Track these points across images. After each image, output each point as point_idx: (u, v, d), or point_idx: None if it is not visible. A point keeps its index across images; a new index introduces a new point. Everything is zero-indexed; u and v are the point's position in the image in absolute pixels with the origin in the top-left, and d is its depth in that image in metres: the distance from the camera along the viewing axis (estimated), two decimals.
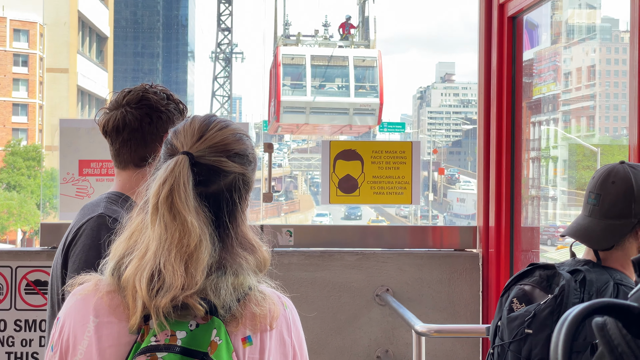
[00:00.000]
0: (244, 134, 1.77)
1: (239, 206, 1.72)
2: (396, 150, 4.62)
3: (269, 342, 1.67)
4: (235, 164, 1.70)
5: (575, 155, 29.63)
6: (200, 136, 1.70)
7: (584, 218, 2.35)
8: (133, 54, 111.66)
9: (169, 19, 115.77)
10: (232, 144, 1.72)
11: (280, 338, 1.70)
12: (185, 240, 1.60)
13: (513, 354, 2.26)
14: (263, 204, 30.34)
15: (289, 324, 1.73)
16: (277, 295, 1.76)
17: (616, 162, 2.36)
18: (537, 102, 8.08)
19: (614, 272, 2.27)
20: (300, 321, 1.79)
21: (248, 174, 1.74)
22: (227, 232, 1.68)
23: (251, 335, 1.65)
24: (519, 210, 4.51)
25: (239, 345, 1.64)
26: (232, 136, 1.73)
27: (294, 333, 1.74)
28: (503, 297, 2.38)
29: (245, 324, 1.65)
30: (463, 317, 4.52)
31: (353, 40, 38.45)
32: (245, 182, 1.73)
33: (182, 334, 1.59)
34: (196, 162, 1.67)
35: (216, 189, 1.68)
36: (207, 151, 1.68)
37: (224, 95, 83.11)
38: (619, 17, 51.12)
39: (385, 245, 4.61)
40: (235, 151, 1.71)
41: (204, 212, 1.64)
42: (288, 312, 1.74)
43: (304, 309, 4.48)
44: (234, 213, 1.70)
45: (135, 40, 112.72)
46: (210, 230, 1.64)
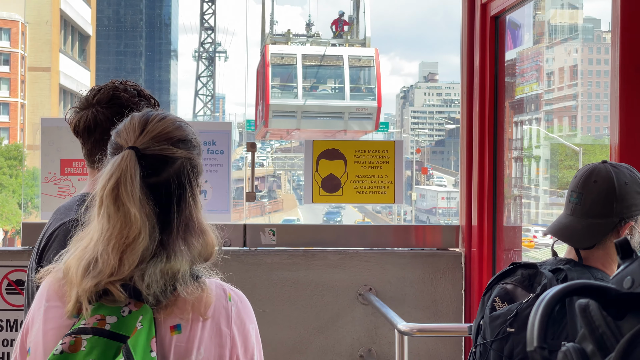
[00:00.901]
0: (183, 121, 1.85)
1: (189, 190, 1.77)
2: (379, 150, 4.62)
3: (201, 331, 1.69)
4: (180, 149, 1.77)
5: (557, 155, 29.76)
6: (142, 130, 1.77)
7: (565, 217, 2.36)
8: (115, 53, 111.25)
9: (152, 17, 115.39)
10: (173, 131, 1.79)
11: (215, 329, 1.71)
12: (125, 232, 1.67)
13: (495, 352, 2.27)
14: (246, 203, 30.00)
15: (230, 315, 1.73)
16: (221, 286, 1.77)
17: (598, 162, 2.37)
18: (519, 101, 8.10)
19: (595, 271, 2.28)
20: (253, 316, 1.79)
21: (194, 158, 1.81)
22: (174, 217, 1.74)
23: (182, 324, 1.68)
24: (502, 210, 4.53)
25: (166, 332, 1.68)
26: (172, 125, 1.80)
27: (237, 326, 1.73)
28: (485, 296, 2.39)
29: (175, 312, 1.68)
30: (446, 316, 4.53)
31: (347, 38, 35.77)
32: (193, 166, 1.80)
33: (112, 319, 1.65)
34: (143, 154, 1.73)
35: (166, 176, 1.75)
36: (150, 142, 1.75)
37: (207, 95, 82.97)
38: (601, 17, 51.39)
39: (368, 245, 4.62)
40: (178, 138, 1.78)
41: (149, 204, 1.70)
42: (231, 304, 1.74)
43: (287, 308, 4.49)
44: (184, 197, 1.76)
45: (118, 39, 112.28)
46: (153, 221, 1.70)
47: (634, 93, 3.05)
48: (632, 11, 3.07)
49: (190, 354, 1.67)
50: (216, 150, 4.44)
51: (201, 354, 1.68)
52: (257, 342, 1.78)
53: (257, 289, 4.46)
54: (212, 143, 4.44)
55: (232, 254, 4.46)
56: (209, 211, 4.43)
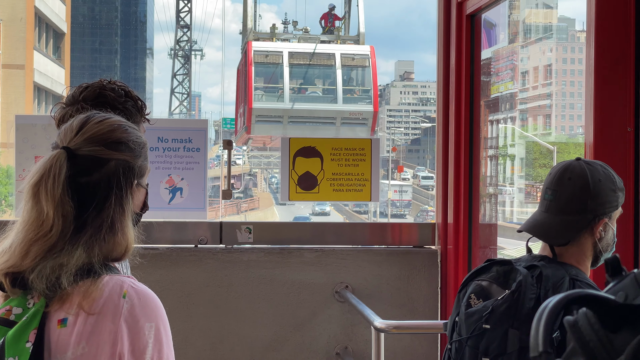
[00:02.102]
0: (126, 124, 1.89)
1: (117, 192, 1.82)
2: (356, 148, 4.63)
3: (83, 326, 1.72)
4: (114, 151, 1.82)
5: (532, 154, 29.93)
6: (78, 131, 1.83)
7: (540, 214, 2.38)
8: (90, 51, 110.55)
9: (127, 15, 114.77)
10: (108, 133, 1.84)
11: (101, 325, 1.72)
12: (37, 227, 1.75)
13: (471, 349, 2.28)
14: (222, 201, 29.31)
15: (120, 312, 1.73)
16: (120, 283, 1.77)
17: (572, 159, 2.38)
18: (494, 100, 8.15)
19: (569, 267, 2.30)
20: (155, 315, 1.78)
21: (131, 161, 1.85)
22: (91, 217, 1.78)
23: (68, 318, 1.73)
24: (477, 208, 4.55)
25: (53, 325, 1.73)
26: (110, 127, 1.85)
27: (127, 323, 1.73)
28: (460, 293, 2.40)
29: (65, 307, 1.73)
30: (422, 313, 4.55)
31: (339, 34, 32.21)
32: (129, 168, 1.84)
33: (18, 310, 1.74)
34: (75, 154, 1.79)
35: (98, 177, 1.80)
36: (84, 143, 1.81)
37: (183, 93, 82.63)
38: (575, 17, 51.70)
39: (344, 242, 4.62)
40: (113, 140, 1.83)
41: (69, 203, 1.76)
42: (125, 300, 1.75)
43: (263, 305, 4.48)
44: (109, 199, 1.80)
45: (93, 37, 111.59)
46: (69, 221, 1.75)
47: (608, 91, 3.08)
48: (607, 9, 3.09)
49: (69, 348, 1.71)
50: (192, 147, 4.43)
51: (83, 349, 1.71)
52: (156, 342, 1.75)
53: (233, 286, 4.46)
54: (188, 141, 4.43)
55: (209, 251, 4.46)
56: (186, 209, 4.42)
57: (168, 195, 4.41)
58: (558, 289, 2.22)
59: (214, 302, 4.45)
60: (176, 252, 4.44)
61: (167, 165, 4.41)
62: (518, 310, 2.20)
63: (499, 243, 5.27)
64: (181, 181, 4.43)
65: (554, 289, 2.22)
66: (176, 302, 4.38)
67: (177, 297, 4.40)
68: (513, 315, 2.20)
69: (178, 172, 4.42)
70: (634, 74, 3.05)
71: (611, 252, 2.41)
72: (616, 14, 3.08)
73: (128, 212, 1.84)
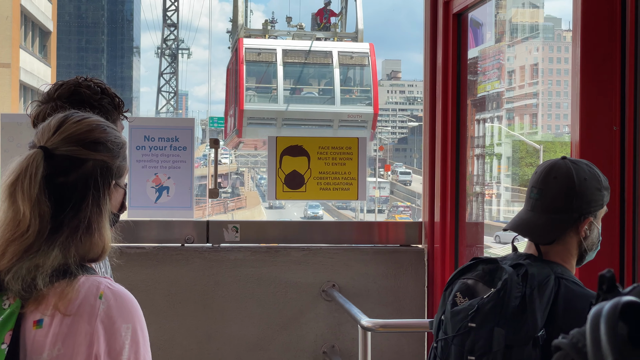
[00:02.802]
0: (105, 124, 1.89)
1: (94, 193, 1.81)
2: (342, 147, 4.63)
3: (59, 327, 1.71)
4: (91, 151, 1.82)
5: (518, 153, 30.01)
6: (56, 130, 1.83)
7: (526, 212, 2.38)
8: (77, 49, 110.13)
9: (114, 13, 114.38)
10: (86, 133, 1.83)
11: (77, 326, 1.72)
12: (14, 227, 1.74)
13: (457, 347, 2.28)
14: (209, 200, 29.00)
15: (96, 313, 1.73)
16: (97, 284, 1.76)
17: (558, 158, 2.39)
18: (481, 99, 8.16)
19: (555, 265, 2.31)
20: (132, 316, 1.77)
21: (109, 161, 1.84)
22: (68, 217, 1.77)
23: (43, 319, 1.72)
24: (464, 206, 4.56)
25: (29, 327, 1.72)
26: (88, 127, 1.84)
27: (103, 324, 1.73)
28: (446, 291, 2.40)
29: (40, 308, 1.72)
30: (409, 312, 4.55)
31: (336, 31, 30.02)
32: (107, 169, 1.84)
33: None
34: (52, 154, 1.78)
35: (75, 177, 1.80)
36: (60, 143, 1.80)
37: (170, 92, 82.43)
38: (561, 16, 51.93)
39: (331, 241, 4.62)
40: (91, 140, 1.83)
41: (46, 203, 1.75)
42: (101, 301, 1.74)
43: (250, 304, 4.48)
44: (86, 199, 1.79)
45: (79, 35, 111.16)
46: (46, 220, 1.74)
47: (594, 90, 3.09)
48: (593, 9, 3.10)
49: (45, 349, 1.70)
50: (179, 146, 4.42)
51: (59, 350, 1.70)
52: (132, 343, 1.75)
53: (220, 285, 4.45)
54: (174, 139, 4.42)
55: (195, 250, 4.45)
56: (172, 208, 4.41)
57: (154, 194, 4.40)
58: (543, 287, 2.23)
59: (200, 301, 4.44)
60: (163, 251, 4.43)
61: (153, 164, 4.40)
62: (504, 308, 2.21)
63: (486, 242, 5.28)
64: (168, 180, 4.42)
65: (540, 287, 2.23)
66: (162, 302, 4.37)
67: (164, 296, 4.39)
68: (499, 314, 2.21)
69: (164, 171, 4.41)
70: (620, 73, 3.07)
71: (596, 251, 2.42)
72: (602, 14, 3.09)
73: (105, 213, 1.83)
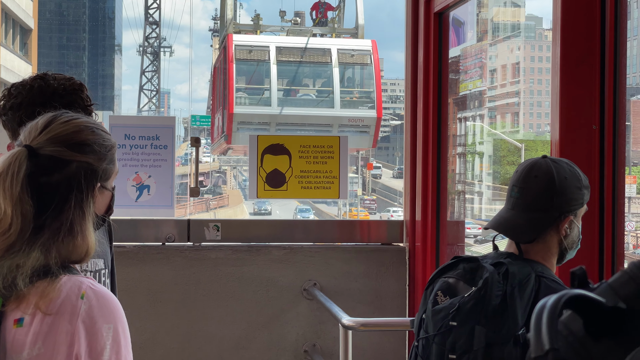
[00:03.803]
0: (94, 126, 1.87)
1: (77, 195, 1.80)
2: (324, 145, 4.62)
3: (40, 326, 1.71)
4: (76, 153, 1.81)
5: (500, 151, 30.13)
6: (43, 129, 1.81)
7: (507, 211, 2.39)
8: (58, 47, 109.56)
9: (95, 11, 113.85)
10: (73, 134, 1.82)
11: (57, 325, 1.71)
12: None
13: (437, 346, 2.28)
14: (191, 198, 28.44)
15: (77, 312, 1.72)
16: (78, 284, 1.76)
17: (539, 157, 2.40)
18: (463, 98, 8.20)
19: (535, 264, 2.32)
20: (113, 317, 1.76)
21: (94, 163, 1.83)
22: (50, 218, 1.77)
23: (24, 318, 1.72)
24: (445, 205, 4.57)
25: (9, 325, 1.72)
26: (75, 127, 1.83)
27: (84, 324, 1.72)
28: (428, 290, 2.40)
29: (21, 306, 1.72)
30: (390, 310, 4.56)
31: (334, 26, 27.31)
32: (92, 171, 1.83)
33: None
34: (36, 153, 1.77)
35: (58, 178, 1.78)
36: (46, 143, 1.79)
37: (152, 90, 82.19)
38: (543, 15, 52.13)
39: (313, 240, 4.62)
40: (77, 141, 1.82)
41: (28, 202, 1.74)
42: (83, 301, 1.74)
43: (231, 303, 4.47)
44: (69, 201, 1.78)
45: (60, 33, 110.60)
46: (28, 220, 1.74)
47: (574, 89, 3.10)
48: (573, 9, 3.12)
49: (25, 348, 1.70)
50: (160, 145, 4.41)
51: (39, 350, 1.70)
52: (114, 343, 1.74)
53: (201, 284, 4.44)
54: (155, 138, 4.40)
55: (176, 249, 4.43)
56: (153, 206, 4.39)
57: (135, 192, 4.39)
58: (524, 286, 2.24)
59: (181, 300, 4.43)
60: (143, 250, 4.41)
61: (134, 162, 4.38)
62: (484, 307, 2.21)
63: (466, 240, 5.29)
64: (148, 179, 4.40)
65: (520, 286, 2.23)
66: (143, 301, 4.35)
67: (144, 296, 4.37)
68: (479, 312, 2.21)
69: (145, 170, 4.39)
70: (599, 72, 3.08)
71: (576, 250, 2.43)
72: (582, 13, 3.11)
73: (88, 216, 1.81)
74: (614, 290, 0.92)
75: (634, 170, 32.96)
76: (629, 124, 36.88)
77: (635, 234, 28.29)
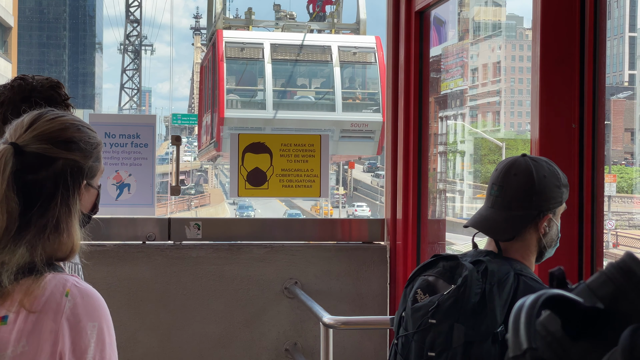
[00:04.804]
0: (80, 123, 1.88)
1: (63, 193, 1.80)
2: (305, 144, 4.62)
3: (24, 324, 1.71)
4: (62, 150, 1.81)
5: (481, 150, 30.23)
6: (28, 127, 1.82)
7: (486, 209, 2.40)
8: (38, 45, 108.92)
9: (76, 9, 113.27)
10: (59, 132, 1.82)
11: (42, 323, 1.72)
12: None
13: (417, 344, 2.29)
14: (173, 197, 28.05)
15: (62, 310, 1.73)
16: (63, 281, 1.76)
17: (518, 155, 2.41)
18: (445, 97, 8.23)
19: (514, 262, 2.33)
20: (98, 315, 1.76)
21: (80, 161, 1.84)
22: (36, 215, 1.77)
23: (9, 315, 1.72)
24: (426, 203, 4.58)
25: None
26: (61, 125, 1.84)
27: (68, 322, 1.72)
28: (407, 288, 2.41)
29: (6, 304, 1.72)
30: (371, 309, 4.56)
31: (333, 21, 25.07)
32: (78, 169, 1.83)
33: None
34: (22, 151, 1.77)
35: (45, 175, 1.79)
36: (32, 140, 1.80)
37: (133, 88, 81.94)
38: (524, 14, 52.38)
39: (294, 238, 4.62)
40: (63, 139, 1.82)
41: (15, 200, 1.74)
42: (67, 299, 1.74)
43: (212, 302, 4.46)
44: (55, 199, 1.79)
45: (41, 31, 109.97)
46: (14, 217, 1.74)
47: (554, 88, 3.12)
48: (553, 9, 3.13)
49: (9, 346, 1.70)
50: (140, 143, 4.39)
51: (24, 347, 1.70)
52: (98, 342, 1.74)
53: (182, 283, 4.43)
54: (136, 136, 4.39)
55: (157, 248, 4.42)
56: (133, 205, 4.38)
57: (115, 191, 4.37)
58: (503, 284, 2.25)
59: (162, 299, 4.42)
60: (124, 248, 4.40)
61: (114, 161, 4.37)
62: (463, 305, 2.22)
63: (448, 238, 5.31)
64: (129, 177, 4.38)
65: (499, 284, 2.24)
66: (124, 299, 4.34)
67: (125, 294, 4.36)
68: (459, 310, 2.22)
69: (126, 168, 4.38)
70: (579, 71, 3.10)
71: (555, 248, 2.44)
72: (561, 13, 3.12)
73: (75, 213, 1.82)
74: (592, 290, 0.92)
75: (614, 169, 33.17)
76: (609, 122, 37.05)
77: (615, 232, 28.50)
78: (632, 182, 33.78)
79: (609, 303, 0.91)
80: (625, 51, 54.51)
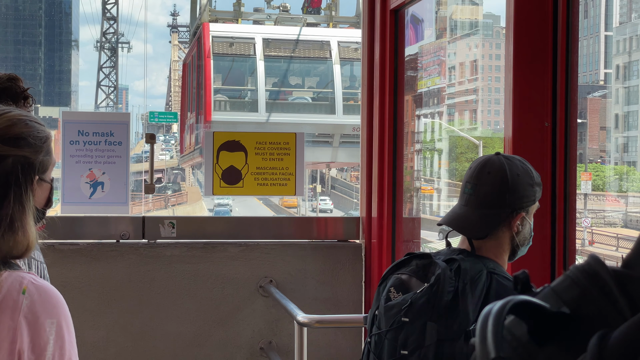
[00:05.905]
0: (27, 118, 1.85)
1: (15, 190, 1.78)
2: (280, 142, 4.61)
3: None
4: (11, 147, 1.79)
5: (458, 148, 30.34)
6: None
7: (460, 207, 2.40)
8: (14, 42, 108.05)
9: (52, 6, 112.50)
10: (6, 128, 1.80)
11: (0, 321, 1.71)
12: None
13: (390, 342, 2.29)
14: (150, 195, 27.46)
15: (19, 308, 1.72)
16: (20, 279, 1.75)
17: (492, 154, 2.41)
18: (422, 95, 8.24)
19: (487, 261, 2.33)
20: (56, 312, 1.76)
21: (31, 156, 1.81)
22: None
23: None
24: (401, 202, 4.58)
25: None
26: (8, 121, 1.82)
27: (26, 319, 1.72)
28: (381, 287, 2.41)
29: None
30: (346, 307, 4.56)
31: (332, 14, 22.41)
32: (29, 164, 1.81)
33: None
34: None
35: None
36: None
37: (109, 86, 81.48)
38: (500, 13, 52.57)
39: (269, 237, 4.61)
40: (11, 135, 1.80)
41: None
42: (24, 297, 1.73)
43: (186, 301, 4.44)
44: (8, 196, 1.77)
45: (16, 28, 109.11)
46: None
47: (527, 87, 3.13)
48: (526, 8, 3.14)
49: None
50: (114, 141, 4.36)
51: None
52: (57, 338, 1.73)
53: (156, 282, 4.40)
54: (110, 134, 4.36)
55: (131, 247, 4.39)
56: (107, 204, 4.35)
57: (89, 189, 4.34)
58: (476, 282, 2.25)
59: (136, 298, 4.39)
60: (97, 247, 4.37)
61: (87, 159, 4.33)
62: (436, 303, 2.22)
63: (424, 236, 5.32)
64: (102, 175, 4.35)
65: (472, 282, 2.25)
66: (97, 298, 4.31)
67: (98, 293, 4.33)
68: (431, 309, 2.22)
69: (99, 166, 4.35)
70: (552, 70, 3.11)
71: (528, 246, 2.45)
72: (534, 12, 3.13)
73: (28, 210, 1.80)
74: (557, 294, 0.91)
75: (590, 167, 33.39)
76: (585, 121, 37.21)
77: (590, 230, 28.71)
78: (607, 180, 34.06)
79: (575, 307, 0.90)
80: (600, 50, 54.87)
